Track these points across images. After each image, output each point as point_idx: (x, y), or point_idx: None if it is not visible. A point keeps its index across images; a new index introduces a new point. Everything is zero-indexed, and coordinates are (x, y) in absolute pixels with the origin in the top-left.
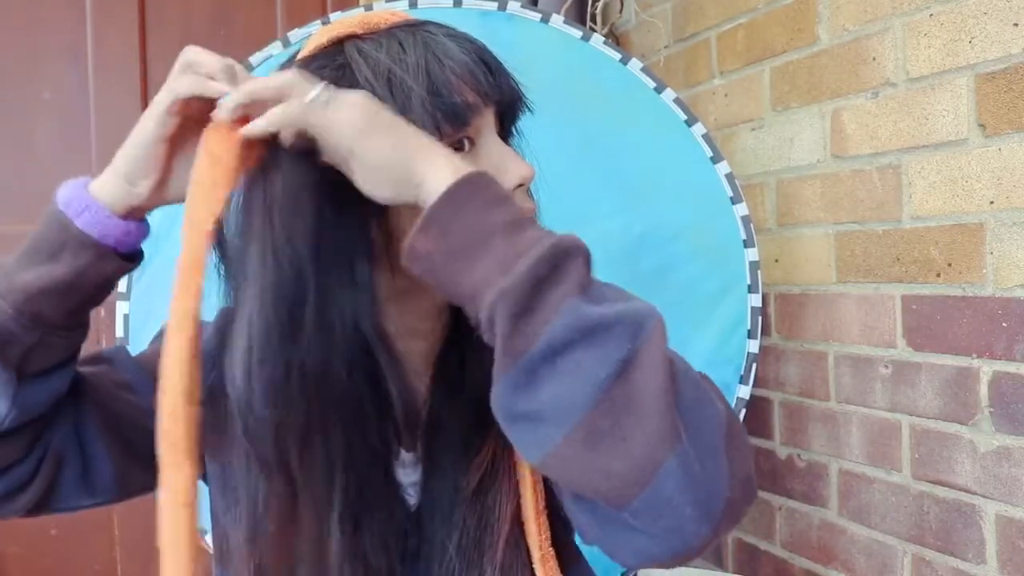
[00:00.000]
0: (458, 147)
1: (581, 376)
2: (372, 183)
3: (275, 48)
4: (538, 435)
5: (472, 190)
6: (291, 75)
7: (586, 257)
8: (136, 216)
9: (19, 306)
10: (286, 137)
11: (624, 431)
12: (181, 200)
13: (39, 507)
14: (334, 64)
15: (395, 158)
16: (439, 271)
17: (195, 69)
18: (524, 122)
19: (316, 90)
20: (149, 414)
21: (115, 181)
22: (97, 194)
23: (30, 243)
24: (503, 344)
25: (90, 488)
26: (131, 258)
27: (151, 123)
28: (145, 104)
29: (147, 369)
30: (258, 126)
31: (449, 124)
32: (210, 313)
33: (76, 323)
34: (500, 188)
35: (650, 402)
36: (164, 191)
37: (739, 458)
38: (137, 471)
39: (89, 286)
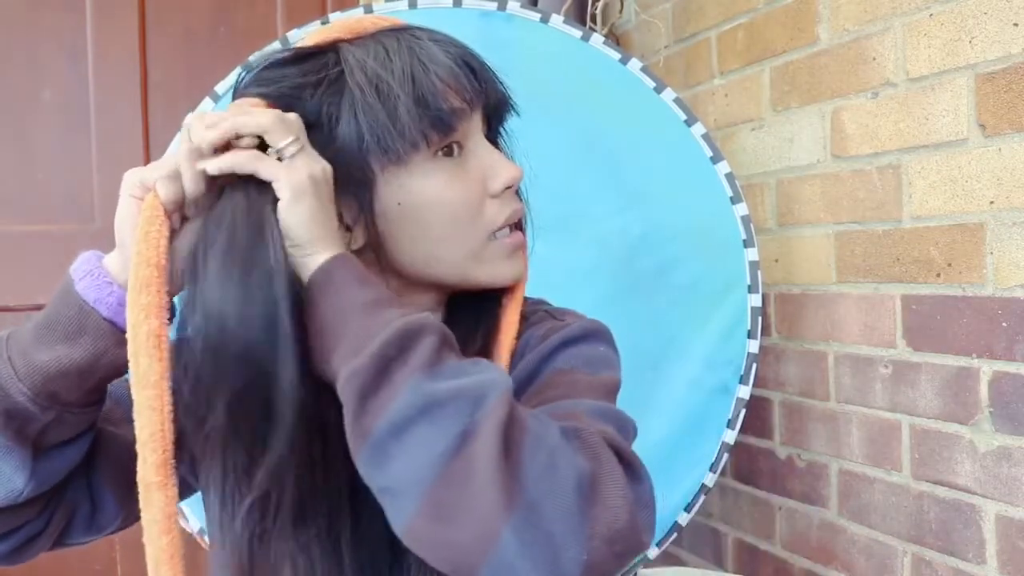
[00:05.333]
0: (447, 153)
1: (423, 450)
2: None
3: (275, 48)
4: (396, 508)
5: (334, 269)
6: (270, 117)
7: (441, 336)
8: None
9: (36, 387)
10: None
11: (464, 502)
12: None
13: (47, 549)
14: (328, 67)
15: (304, 233)
16: (316, 351)
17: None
18: (523, 122)
19: (287, 141)
20: None
21: (117, 248)
22: (107, 263)
23: (46, 317)
24: (352, 423)
25: (96, 527)
26: None
27: (127, 193)
28: (145, 104)
29: None
30: (214, 165)
31: (436, 132)
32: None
33: (93, 400)
34: (360, 268)
35: (486, 473)
36: None
37: (606, 517)
38: (138, 503)
39: (106, 369)
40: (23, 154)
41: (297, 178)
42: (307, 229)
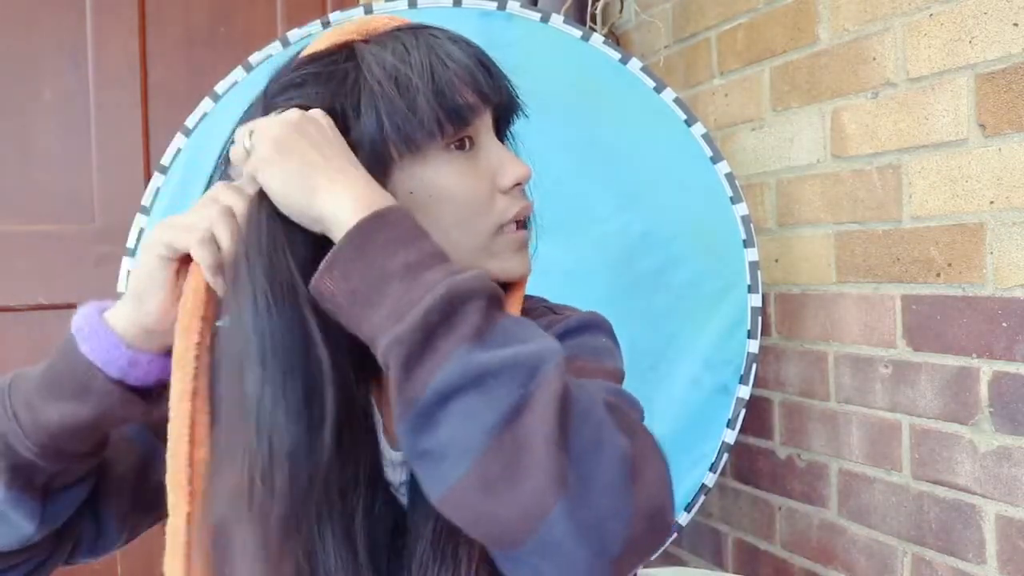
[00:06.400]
0: (460, 146)
1: (472, 421)
2: (282, 208)
3: (275, 48)
4: (437, 473)
5: (375, 230)
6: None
7: (489, 298)
8: (150, 346)
9: (43, 443)
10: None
11: (513, 477)
12: None
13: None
14: (344, 63)
15: (294, 190)
16: (343, 313)
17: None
18: (524, 122)
19: (246, 141)
20: (146, 460)
21: (128, 303)
22: (110, 319)
23: (51, 373)
24: (397, 390)
25: (101, 548)
26: (155, 398)
27: (155, 252)
28: (145, 104)
29: None
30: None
31: (451, 124)
32: None
33: (99, 448)
34: (406, 225)
35: (538, 448)
36: (174, 311)
37: (646, 493)
38: (141, 519)
39: (111, 424)
40: (23, 154)
41: (262, 148)
42: (295, 191)
